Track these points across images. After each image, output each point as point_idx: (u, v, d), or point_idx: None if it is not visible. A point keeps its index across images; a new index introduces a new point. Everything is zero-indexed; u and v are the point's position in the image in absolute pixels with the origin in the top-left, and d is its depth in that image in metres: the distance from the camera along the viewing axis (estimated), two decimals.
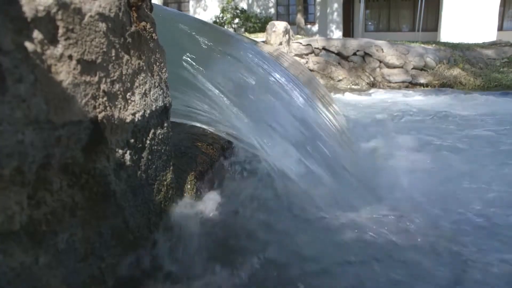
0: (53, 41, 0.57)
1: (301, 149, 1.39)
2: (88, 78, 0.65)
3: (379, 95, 5.15)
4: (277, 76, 1.83)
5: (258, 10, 15.63)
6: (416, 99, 4.88)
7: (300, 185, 1.27)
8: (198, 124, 1.29)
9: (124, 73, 0.77)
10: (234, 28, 14.49)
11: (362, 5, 13.31)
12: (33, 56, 0.53)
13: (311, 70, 6.04)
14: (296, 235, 1.17)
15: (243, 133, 1.24)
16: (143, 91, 0.85)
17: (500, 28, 13.47)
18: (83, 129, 0.64)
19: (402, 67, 6.16)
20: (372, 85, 6.13)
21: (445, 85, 5.86)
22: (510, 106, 4.37)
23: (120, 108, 0.76)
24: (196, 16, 14.87)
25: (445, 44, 7.06)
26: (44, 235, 0.57)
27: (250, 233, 1.13)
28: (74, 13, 0.61)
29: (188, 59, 1.24)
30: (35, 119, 0.53)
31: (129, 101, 0.79)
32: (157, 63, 0.93)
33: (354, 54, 6.34)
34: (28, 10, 0.52)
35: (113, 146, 0.73)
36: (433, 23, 14.15)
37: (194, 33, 1.47)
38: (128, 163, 0.79)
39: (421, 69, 6.13)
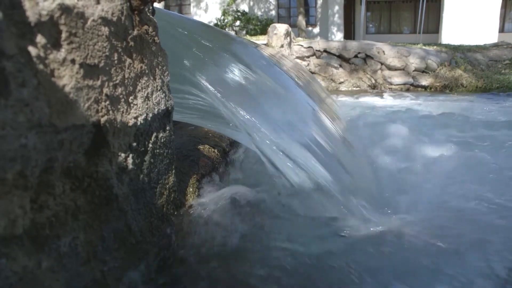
0: (56, 45, 0.58)
1: (303, 152, 1.39)
2: (90, 82, 0.65)
3: (387, 99, 5.00)
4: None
5: (259, 13, 15.66)
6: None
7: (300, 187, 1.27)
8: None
9: (126, 76, 0.77)
10: (235, 31, 14.51)
11: (363, 7, 13.32)
12: (36, 60, 0.53)
13: (312, 72, 6.04)
14: (296, 236, 1.17)
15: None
16: (145, 94, 0.85)
17: (501, 30, 13.49)
18: (85, 133, 0.64)
19: (403, 69, 6.15)
20: (374, 87, 6.12)
21: (446, 87, 5.84)
22: None
23: (123, 112, 0.76)
24: (197, 18, 14.90)
25: (447, 46, 7.04)
26: (47, 239, 0.57)
27: (252, 235, 1.13)
28: (77, 17, 0.62)
29: None
30: (38, 123, 0.54)
31: (132, 105, 0.80)
32: (159, 67, 0.93)
33: (355, 56, 6.33)
34: (31, 15, 0.52)
35: (115, 149, 0.73)
36: (434, 25, 14.17)
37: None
38: (130, 166, 0.79)
39: (423, 71, 6.11)
